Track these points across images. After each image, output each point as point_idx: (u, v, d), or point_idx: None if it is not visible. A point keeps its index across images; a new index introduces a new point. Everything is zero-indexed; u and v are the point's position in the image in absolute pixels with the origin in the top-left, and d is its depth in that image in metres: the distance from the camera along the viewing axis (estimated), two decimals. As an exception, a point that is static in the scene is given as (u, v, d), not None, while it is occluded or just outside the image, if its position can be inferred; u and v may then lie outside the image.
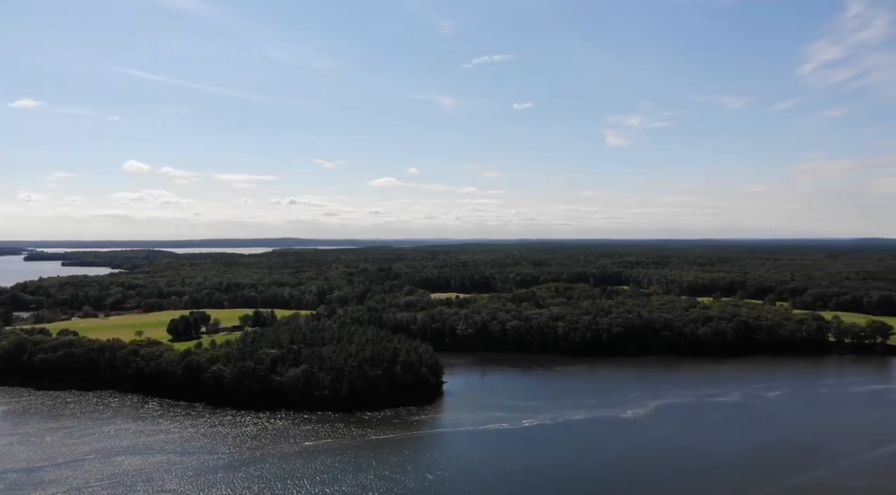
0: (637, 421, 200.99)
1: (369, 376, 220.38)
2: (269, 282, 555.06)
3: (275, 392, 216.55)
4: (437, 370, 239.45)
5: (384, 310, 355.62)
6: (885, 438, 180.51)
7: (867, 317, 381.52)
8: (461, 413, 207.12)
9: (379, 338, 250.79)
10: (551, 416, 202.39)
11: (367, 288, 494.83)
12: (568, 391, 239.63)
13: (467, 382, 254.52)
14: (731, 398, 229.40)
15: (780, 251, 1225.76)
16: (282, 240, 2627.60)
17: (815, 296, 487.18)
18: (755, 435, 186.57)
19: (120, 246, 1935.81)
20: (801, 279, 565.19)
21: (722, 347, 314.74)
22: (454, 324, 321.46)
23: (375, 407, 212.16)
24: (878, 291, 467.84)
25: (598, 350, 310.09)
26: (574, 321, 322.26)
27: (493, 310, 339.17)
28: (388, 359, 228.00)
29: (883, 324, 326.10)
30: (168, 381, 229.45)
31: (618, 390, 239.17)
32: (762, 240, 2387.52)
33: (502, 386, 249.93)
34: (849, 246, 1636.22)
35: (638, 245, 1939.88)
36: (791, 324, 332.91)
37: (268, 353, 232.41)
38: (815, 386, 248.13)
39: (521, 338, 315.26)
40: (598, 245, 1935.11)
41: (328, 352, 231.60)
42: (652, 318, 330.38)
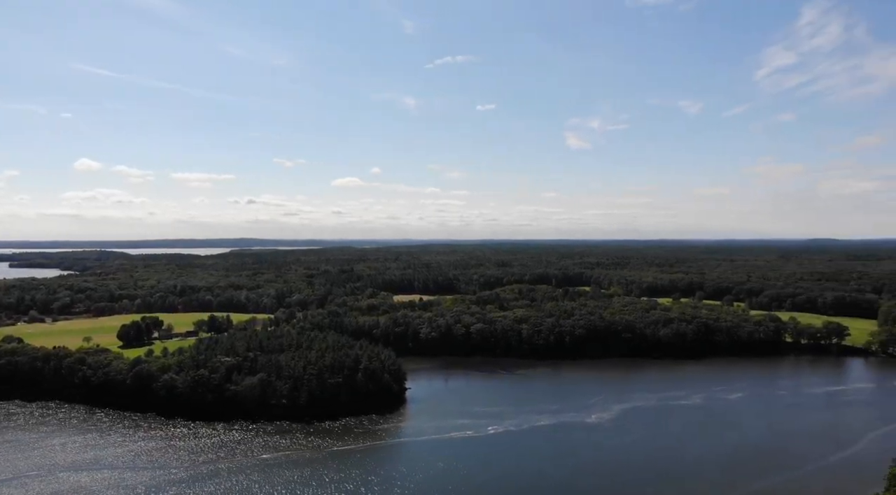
0: (602, 425, 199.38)
1: (329, 384, 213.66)
2: (225, 285, 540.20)
3: (230, 402, 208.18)
4: (401, 376, 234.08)
5: (346, 313, 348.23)
6: (846, 440, 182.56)
7: (822, 318, 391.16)
8: (425, 420, 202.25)
9: (340, 344, 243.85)
10: (516, 422, 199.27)
11: (328, 290, 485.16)
12: (532, 395, 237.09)
13: (431, 388, 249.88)
14: (693, 401, 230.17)
15: (735, 251, 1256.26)
16: (240, 240, 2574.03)
17: (771, 296, 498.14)
18: (720, 438, 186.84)
19: (71, 246, 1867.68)
20: (758, 280, 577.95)
21: (682, 349, 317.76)
22: (418, 328, 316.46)
23: (336, 416, 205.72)
24: (831, 292, 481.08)
25: (562, 352, 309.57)
26: (538, 323, 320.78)
27: (457, 313, 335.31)
28: (350, 367, 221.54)
29: (838, 325, 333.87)
30: (117, 391, 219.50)
31: (582, 394, 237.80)
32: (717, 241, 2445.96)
33: (467, 391, 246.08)
34: (800, 246, 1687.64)
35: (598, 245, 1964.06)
36: (749, 326, 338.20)
37: (222, 361, 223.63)
38: (774, 388, 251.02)
39: (486, 341, 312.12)
40: (559, 245, 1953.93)
41: (286, 360, 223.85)
42: (614, 320, 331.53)
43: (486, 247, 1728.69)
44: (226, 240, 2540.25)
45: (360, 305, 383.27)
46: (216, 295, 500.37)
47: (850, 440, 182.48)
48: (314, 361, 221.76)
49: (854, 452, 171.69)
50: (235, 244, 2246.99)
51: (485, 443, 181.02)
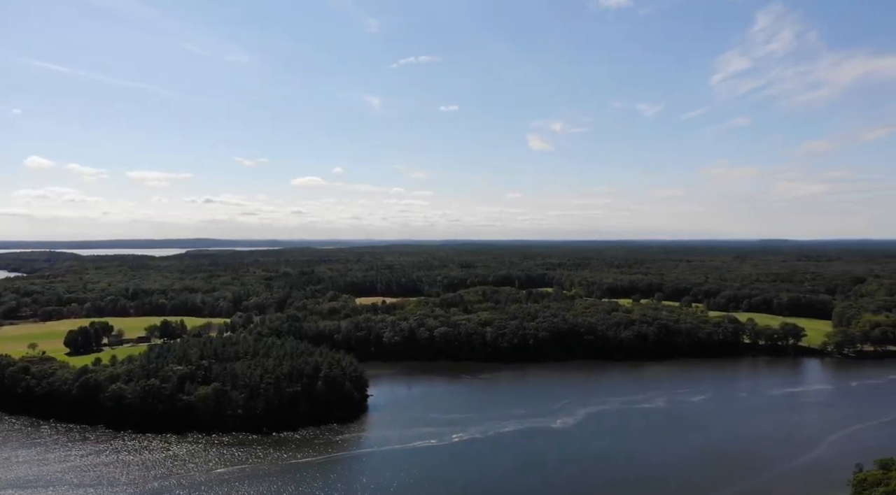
0: (568, 431, 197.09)
1: (287, 393, 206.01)
2: (180, 288, 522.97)
3: (182, 413, 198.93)
4: (362, 383, 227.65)
5: (306, 318, 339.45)
6: (809, 443, 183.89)
7: (779, 319, 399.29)
8: (388, 429, 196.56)
9: (298, 351, 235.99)
10: (481, 429, 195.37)
11: (287, 293, 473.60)
12: (497, 401, 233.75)
13: (394, 394, 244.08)
14: (656, 404, 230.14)
15: (691, 252, 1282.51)
16: (197, 240, 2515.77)
17: (728, 297, 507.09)
18: (686, 443, 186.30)
19: (20, 247, 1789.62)
20: (715, 281, 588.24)
21: (644, 350, 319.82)
22: (380, 332, 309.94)
23: (295, 426, 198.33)
24: (786, 293, 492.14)
25: (526, 355, 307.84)
26: (502, 326, 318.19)
27: (420, 317, 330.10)
28: (309, 374, 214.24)
29: (794, 326, 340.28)
30: (63, 402, 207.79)
31: (546, 398, 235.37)
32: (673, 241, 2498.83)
33: (430, 397, 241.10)
34: (753, 247, 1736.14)
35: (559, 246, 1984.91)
36: (709, 327, 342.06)
37: (174, 370, 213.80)
38: (735, 390, 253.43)
39: (450, 344, 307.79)
40: (521, 246, 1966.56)
41: (242, 368, 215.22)
42: (576, 322, 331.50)
43: (450, 247, 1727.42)
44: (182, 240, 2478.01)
45: (320, 309, 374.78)
46: (170, 298, 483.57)
47: (813, 443, 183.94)
48: (271, 369, 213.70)
49: (817, 455, 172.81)
50: (192, 244, 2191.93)
51: (449, 452, 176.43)
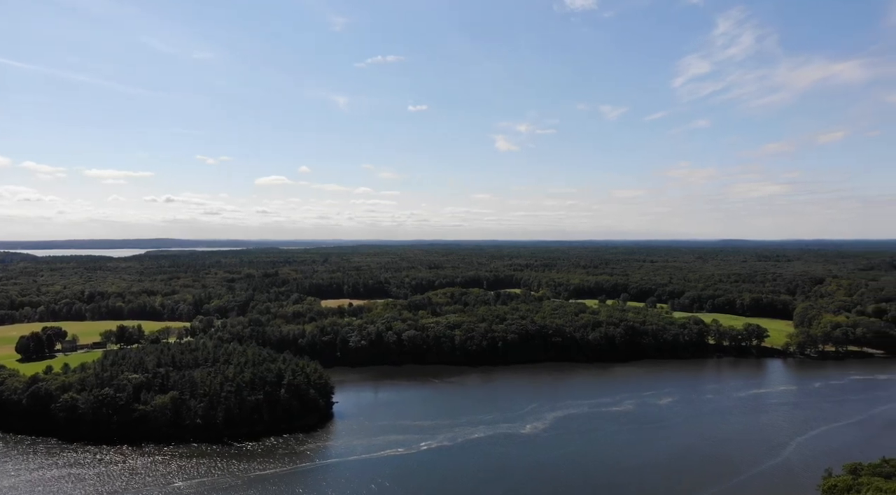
0: (537, 436, 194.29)
1: (249, 402, 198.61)
2: (138, 291, 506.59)
3: (139, 423, 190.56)
4: (327, 390, 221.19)
5: (269, 322, 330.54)
6: (776, 446, 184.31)
7: (742, 319, 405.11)
8: (354, 438, 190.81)
9: (260, 357, 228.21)
10: (450, 436, 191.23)
11: (250, 296, 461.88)
12: (466, 405, 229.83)
13: (360, 401, 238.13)
14: (625, 407, 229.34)
15: (654, 252, 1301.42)
16: (157, 240, 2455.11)
17: (692, 298, 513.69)
18: (655, 447, 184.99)
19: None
20: (679, 282, 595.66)
21: (611, 352, 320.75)
22: (347, 336, 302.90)
23: (257, 436, 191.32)
24: (749, 293, 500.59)
25: (494, 357, 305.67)
26: (470, 329, 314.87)
27: (388, 320, 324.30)
28: (271, 382, 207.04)
29: (758, 326, 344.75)
30: (12, 413, 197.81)
31: (515, 402, 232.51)
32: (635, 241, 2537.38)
33: (398, 403, 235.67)
34: (713, 247, 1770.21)
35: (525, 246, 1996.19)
36: (674, 328, 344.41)
37: (130, 379, 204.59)
38: (701, 392, 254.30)
39: (418, 348, 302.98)
40: (488, 246, 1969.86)
41: (201, 376, 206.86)
42: (545, 324, 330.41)
43: (418, 247, 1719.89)
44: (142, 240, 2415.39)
45: (284, 312, 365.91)
46: (128, 301, 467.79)
47: (780, 445, 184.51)
48: (232, 377, 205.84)
49: (786, 458, 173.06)
50: (152, 245, 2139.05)
51: (417, 461, 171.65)
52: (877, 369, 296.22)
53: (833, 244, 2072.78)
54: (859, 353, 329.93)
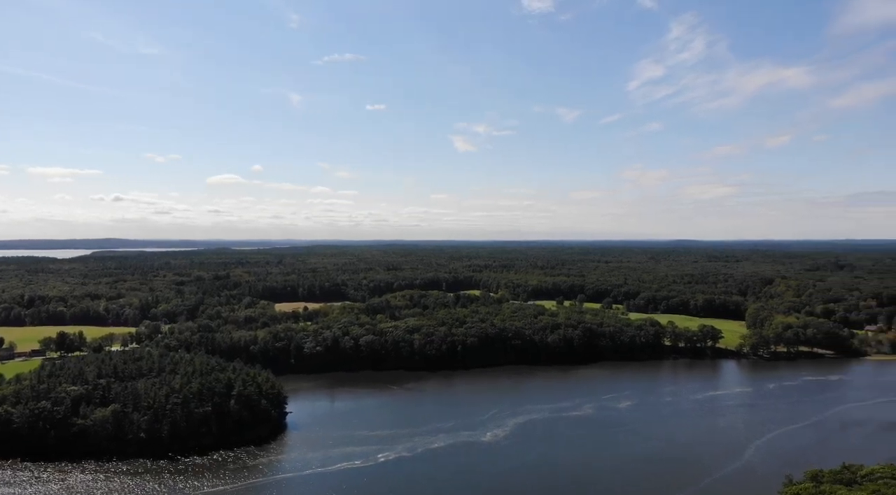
0: (499, 444, 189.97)
1: (196, 414, 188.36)
2: (81, 295, 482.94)
3: (78, 438, 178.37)
4: (280, 400, 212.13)
5: (219, 327, 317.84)
6: (736, 448, 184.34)
7: (696, 320, 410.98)
8: (309, 450, 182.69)
9: (209, 367, 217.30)
10: (409, 446, 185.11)
11: (199, 300, 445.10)
12: (425, 413, 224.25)
13: (315, 410, 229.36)
14: (585, 411, 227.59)
15: (609, 253, 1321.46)
16: (104, 240, 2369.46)
17: (647, 299, 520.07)
18: (616, 452, 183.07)
19: None
20: (634, 283, 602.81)
21: (569, 354, 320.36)
22: (301, 342, 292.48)
23: (205, 450, 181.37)
24: (702, 294, 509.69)
25: (454, 362, 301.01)
26: (430, 333, 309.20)
27: (345, 325, 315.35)
28: (221, 393, 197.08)
29: (712, 328, 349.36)
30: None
31: (475, 408, 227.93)
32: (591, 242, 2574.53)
33: (355, 412, 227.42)
34: (666, 247, 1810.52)
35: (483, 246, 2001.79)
36: (631, 330, 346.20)
37: (68, 391, 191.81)
38: (660, 395, 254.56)
39: (376, 353, 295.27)
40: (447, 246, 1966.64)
41: (145, 388, 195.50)
42: (504, 327, 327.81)
43: (376, 248, 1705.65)
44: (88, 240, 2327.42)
45: (236, 317, 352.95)
46: (70, 306, 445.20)
47: (740, 449, 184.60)
48: (178, 388, 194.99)
49: (745, 463, 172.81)
50: (99, 246, 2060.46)
51: (376, 474, 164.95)
52: (828, 370, 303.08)
53: (779, 244, 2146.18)
54: (810, 354, 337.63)
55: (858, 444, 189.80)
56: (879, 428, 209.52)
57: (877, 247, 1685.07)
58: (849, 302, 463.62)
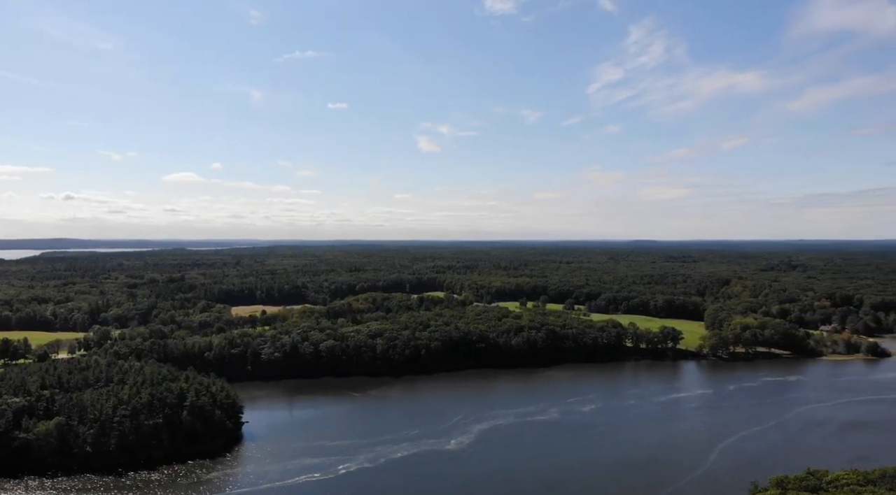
0: (464, 452, 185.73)
1: (146, 427, 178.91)
2: (28, 298, 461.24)
3: (20, 453, 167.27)
4: (236, 410, 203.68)
5: (172, 333, 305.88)
6: (701, 453, 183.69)
7: (656, 321, 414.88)
8: (266, 463, 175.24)
9: (160, 376, 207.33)
10: (371, 457, 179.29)
11: (152, 303, 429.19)
12: (388, 421, 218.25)
13: (273, 420, 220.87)
14: (550, 415, 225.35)
15: (570, 253, 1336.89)
16: (56, 240, 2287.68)
17: (608, 300, 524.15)
18: (582, 458, 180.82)
19: None
20: (595, 283, 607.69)
21: (533, 357, 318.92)
22: (258, 349, 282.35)
23: (155, 464, 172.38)
24: (661, 295, 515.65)
25: (417, 367, 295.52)
26: (393, 337, 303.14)
27: (304, 330, 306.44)
28: (172, 404, 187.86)
29: (673, 329, 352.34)
30: None
31: (439, 415, 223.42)
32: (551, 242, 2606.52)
33: (315, 421, 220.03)
34: (623, 247, 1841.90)
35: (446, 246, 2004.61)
36: (594, 332, 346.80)
37: (9, 403, 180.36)
38: (623, 398, 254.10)
39: (337, 359, 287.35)
40: (411, 246, 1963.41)
41: (92, 399, 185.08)
42: (469, 330, 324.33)
43: (338, 248, 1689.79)
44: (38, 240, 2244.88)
45: (190, 321, 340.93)
46: (16, 310, 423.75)
47: (704, 452, 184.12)
48: (127, 399, 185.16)
49: (710, 467, 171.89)
50: (50, 246, 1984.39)
51: (336, 488, 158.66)
52: (786, 370, 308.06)
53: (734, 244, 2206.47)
54: (767, 354, 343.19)
55: (820, 446, 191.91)
56: (840, 428, 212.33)
57: (827, 247, 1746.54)
58: (803, 302, 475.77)
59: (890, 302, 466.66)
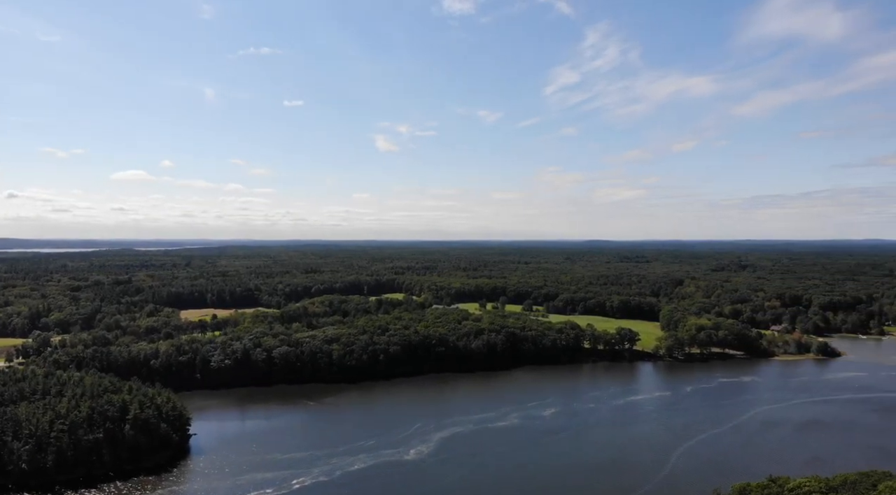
0: (424, 462, 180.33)
1: (86, 442, 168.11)
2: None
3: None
4: (183, 422, 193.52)
5: (116, 339, 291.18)
6: (661, 457, 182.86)
7: (614, 323, 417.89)
8: (214, 478, 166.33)
9: (101, 388, 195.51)
10: (327, 469, 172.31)
11: (97, 308, 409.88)
12: (345, 430, 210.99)
13: (224, 432, 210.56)
14: (511, 421, 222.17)
15: (528, 253, 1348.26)
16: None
17: (566, 300, 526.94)
18: (546, 465, 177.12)
19: None
20: (553, 284, 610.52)
21: (493, 359, 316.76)
22: (208, 356, 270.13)
23: (96, 482, 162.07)
24: (617, 296, 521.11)
25: (375, 372, 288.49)
26: (350, 343, 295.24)
27: (257, 335, 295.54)
28: (114, 417, 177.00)
29: (630, 330, 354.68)
30: None
31: (398, 423, 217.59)
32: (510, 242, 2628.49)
33: (268, 432, 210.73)
34: (579, 247, 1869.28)
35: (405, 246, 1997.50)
36: (553, 334, 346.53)
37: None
38: (583, 401, 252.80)
39: (291, 365, 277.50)
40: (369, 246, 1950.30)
41: (27, 413, 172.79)
42: (428, 334, 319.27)
43: (294, 249, 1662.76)
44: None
45: (136, 327, 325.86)
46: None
47: (664, 456, 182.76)
48: (65, 413, 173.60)
49: (671, 472, 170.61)
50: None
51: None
52: (740, 371, 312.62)
53: (685, 244, 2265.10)
54: (722, 354, 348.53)
55: (778, 448, 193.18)
56: (796, 430, 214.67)
57: (774, 247, 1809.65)
58: (754, 302, 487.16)
59: (837, 302, 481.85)
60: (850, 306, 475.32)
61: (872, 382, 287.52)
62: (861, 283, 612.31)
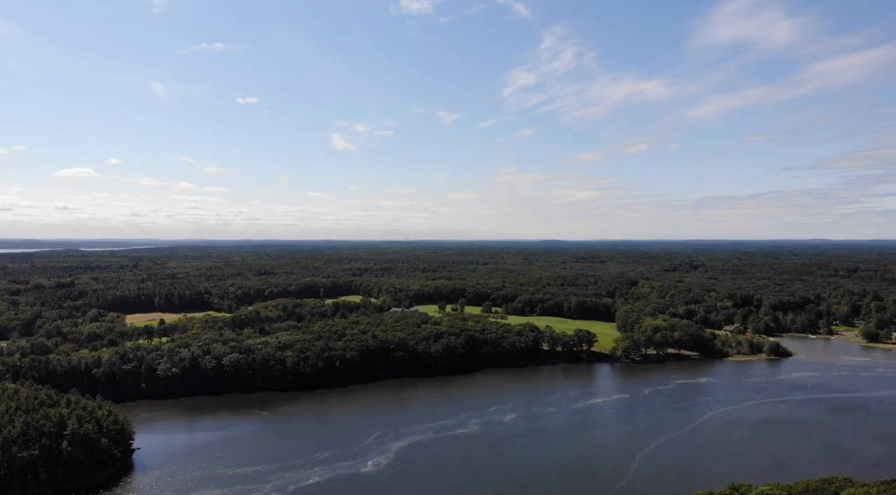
0: (381, 474, 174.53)
1: (20, 460, 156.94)
2: None
3: None
4: (125, 437, 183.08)
5: (56, 347, 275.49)
6: (624, 461, 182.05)
7: (572, 324, 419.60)
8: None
9: (37, 401, 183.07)
10: (280, 484, 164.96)
11: (37, 312, 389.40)
12: (299, 442, 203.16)
13: (170, 445, 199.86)
14: (471, 428, 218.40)
15: (486, 253, 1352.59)
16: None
17: (524, 302, 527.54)
18: (507, 475, 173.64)
19: None
20: (511, 286, 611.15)
21: (452, 364, 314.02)
22: (154, 364, 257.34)
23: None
24: (574, 297, 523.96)
25: (331, 379, 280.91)
26: (305, 349, 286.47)
27: (206, 342, 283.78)
28: (50, 433, 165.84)
29: (587, 332, 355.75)
30: None
31: (355, 433, 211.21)
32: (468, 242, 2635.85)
33: (217, 445, 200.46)
34: (536, 247, 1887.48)
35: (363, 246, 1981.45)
36: (512, 336, 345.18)
37: None
38: (543, 405, 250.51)
39: (243, 373, 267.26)
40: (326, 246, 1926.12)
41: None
42: (387, 338, 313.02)
43: (247, 249, 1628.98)
44: None
45: (78, 333, 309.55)
46: None
47: (626, 461, 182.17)
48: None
49: (633, 478, 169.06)
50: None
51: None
52: (695, 372, 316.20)
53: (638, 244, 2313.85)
54: (677, 355, 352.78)
55: (738, 451, 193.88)
56: (754, 432, 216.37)
57: (723, 247, 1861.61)
58: (707, 302, 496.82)
59: (787, 302, 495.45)
60: (798, 306, 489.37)
61: (824, 382, 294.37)
62: (808, 283, 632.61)
